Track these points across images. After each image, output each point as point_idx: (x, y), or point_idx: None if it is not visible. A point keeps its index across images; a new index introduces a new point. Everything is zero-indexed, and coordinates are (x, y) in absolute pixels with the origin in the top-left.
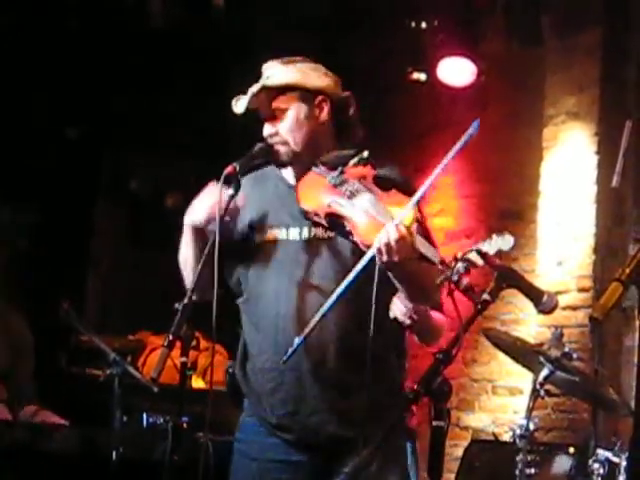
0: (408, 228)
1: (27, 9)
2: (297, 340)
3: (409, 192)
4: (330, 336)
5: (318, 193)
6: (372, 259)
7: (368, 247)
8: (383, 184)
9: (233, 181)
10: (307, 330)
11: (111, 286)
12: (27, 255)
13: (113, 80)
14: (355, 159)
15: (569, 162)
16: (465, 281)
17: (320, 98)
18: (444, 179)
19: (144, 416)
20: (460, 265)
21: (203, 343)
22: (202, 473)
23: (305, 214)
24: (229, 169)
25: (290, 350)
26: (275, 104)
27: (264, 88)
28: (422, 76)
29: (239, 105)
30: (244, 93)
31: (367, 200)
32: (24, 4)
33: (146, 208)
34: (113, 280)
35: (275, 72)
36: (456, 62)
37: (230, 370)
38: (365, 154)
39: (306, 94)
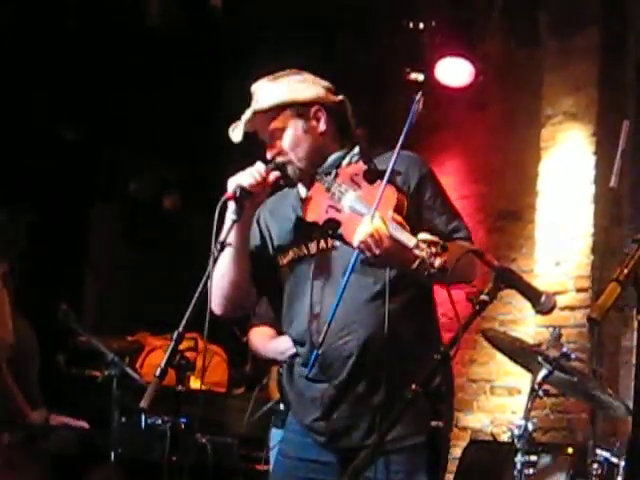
0: (383, 219)
1: (25, 9)
2: (315, 353)
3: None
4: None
5: (318, 203)
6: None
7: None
8: (371, 177)
9: (238, 206)
10: (321, 340)
11: (109, 287)
12: (26, 257)
13: (111, 81)
14: (347, 158)
15: (567, 162)
16: (438, 262)
17: (315, 109)
18: (442, 180)
19: (142, 417)
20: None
21: (201, 344)
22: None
23: (311, 226)
24: (229, 194)
25: (310, 363)
26: (272, 126)
27: (256, 112)
28: (420, 76)
29: (236, 134)
30: (239, 115)
31: (352, 198)
32: (22, 3)
33: (144, 209)
34: (111, 281)
35: (264, 93)
36: (454, 63)
37: (281, 371)
38: (355, 151)
39: (300, 108)
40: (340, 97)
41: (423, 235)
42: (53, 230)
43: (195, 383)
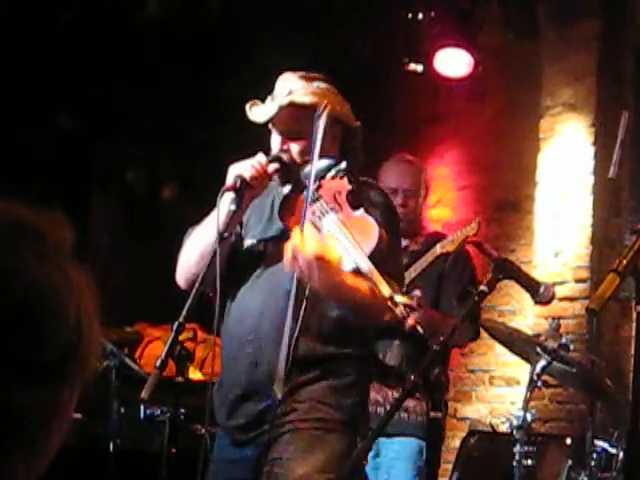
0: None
1: None
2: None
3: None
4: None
5: (299, 210)
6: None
7: None
8: (354, 201)
9: (238, 197)
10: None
11: (108, 278)
12: None
13: (109, 71)
14: (332, 172)
15: (566, 153)
16: (409, 323)
17: (338, 127)
18: (441, 171)
19: (141, 408)
20: (401, 309)
21: (200, 335)
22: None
23: (282, 229)
24: (230, 184)
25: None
26: (294, 123)
27: (291, 104)
28: (419, 67)
29: (259, 114)
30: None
31: (331, 222)
32: None
33: (141, 199)
34: (110, 271)
35: (298, 88)
36: (453, 53)
37: None
38: (342, 166)
39: (328, 121)
40: (358, 123)
41: (400, 298)
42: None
43: (194, 373)
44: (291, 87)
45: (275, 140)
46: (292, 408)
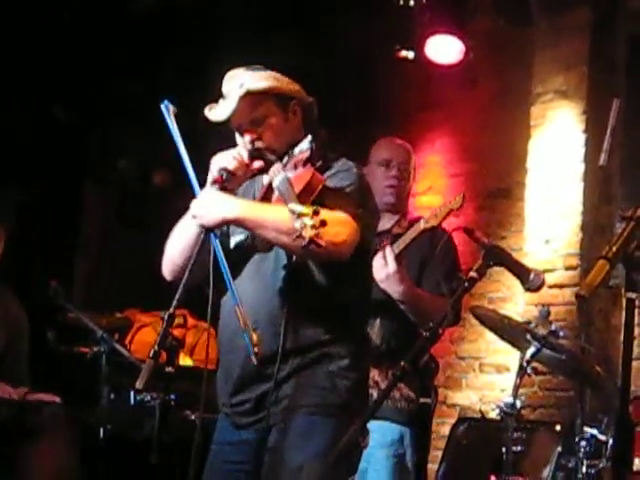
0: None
1: None
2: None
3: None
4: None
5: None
6: None
7: None
8: (314, 163)
9: (221, 189)
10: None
11: (99, 265)
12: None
13: (101, 60)
14: (298, 147)
15: (557, 140)
16: (309, 232)
17: (294, 102)
18: (432, 158)
19: (132, 394)
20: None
21: (190, 321)
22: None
23: None
24: (216, 177)
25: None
26: (254, 111)
27: (248, 93)
28: (410, 54)
29: (219, 113)
30: (216, 94)
31: (280, 179)
32: None
33: (134, 188)
34: (101, 259)
35: (248, 78)
36: (444, 40)
37: None
38: (308, 139)
39: (282, 100)
40: (311, 99)
41: (294, 206)
42: (43, 208)
43: (185, 360)
44: (241, 80)
45: (239, 139)
46: (289, 394)
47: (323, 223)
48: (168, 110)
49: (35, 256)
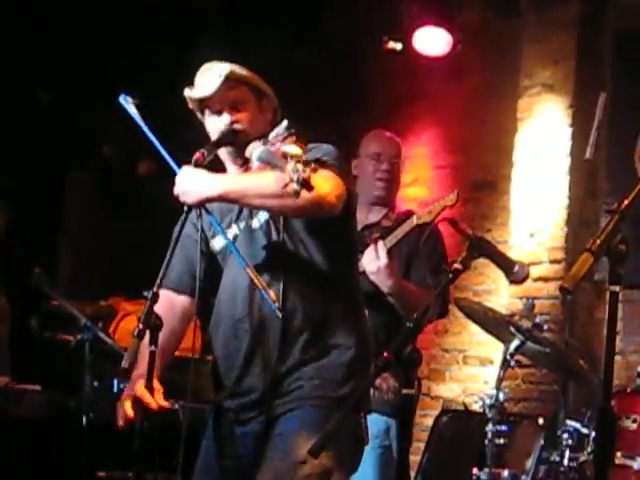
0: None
1: None
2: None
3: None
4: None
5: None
6: None
7: None
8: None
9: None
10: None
11: (83, 252)
12: None
13: (87, 46)
14: (273, 133)
15: (543, 134)
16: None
17: (266, 100)
18: (418, 150)
19: (115, 382)
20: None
21: None
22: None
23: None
24: (198, 155)
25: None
26: (235, 95)
27: (232, 74)
28: (398, 46)
29: (203, 89)
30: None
31: (261, 150)
32: None
33: (118, 175)
34: (85, 246)
35: (227, 66)
36: (432, 32)
37: None
38: (283, 124)
39: (258, 92)
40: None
41: (287, 147)
42: (28, 194)
43: None
44: (219, 69)
45: (214, 121)
46: (295, 386)
47: (314, 170)
48: (127, 102)
49: (19, 242)
